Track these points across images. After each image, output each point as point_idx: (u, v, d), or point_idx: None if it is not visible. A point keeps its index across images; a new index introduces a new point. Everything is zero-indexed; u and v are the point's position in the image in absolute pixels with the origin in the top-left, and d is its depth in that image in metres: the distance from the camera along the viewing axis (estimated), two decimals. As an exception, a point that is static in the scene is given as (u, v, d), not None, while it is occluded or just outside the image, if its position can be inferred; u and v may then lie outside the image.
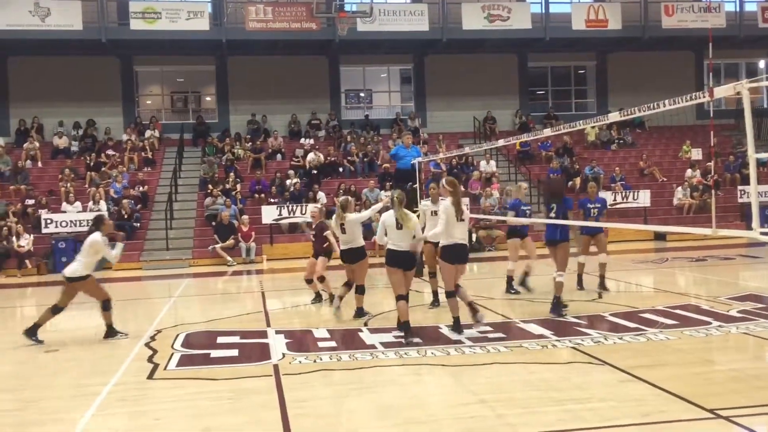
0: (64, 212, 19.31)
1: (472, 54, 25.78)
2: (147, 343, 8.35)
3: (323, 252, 10.75)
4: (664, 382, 5.94)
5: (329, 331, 8.66)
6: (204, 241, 19.36)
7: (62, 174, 21.11)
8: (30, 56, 23.86)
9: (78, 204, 19.62)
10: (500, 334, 8.11)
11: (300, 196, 20.79)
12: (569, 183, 22.20)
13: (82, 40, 22.74)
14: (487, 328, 8.44)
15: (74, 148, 23.36)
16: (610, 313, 9.13)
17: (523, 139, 11.97)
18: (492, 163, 23.34)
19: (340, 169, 22.93)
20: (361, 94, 27.79)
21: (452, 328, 8.20)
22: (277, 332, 8.65)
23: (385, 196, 18.50)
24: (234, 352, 7.79)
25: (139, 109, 25.85)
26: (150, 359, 7.51)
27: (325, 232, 10.63)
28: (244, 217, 19.36)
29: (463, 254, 8.28)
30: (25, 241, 18.07)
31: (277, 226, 19.90)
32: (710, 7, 25.41)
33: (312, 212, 11.52)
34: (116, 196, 20.23)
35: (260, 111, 25.21)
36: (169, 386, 6.51)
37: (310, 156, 22.85)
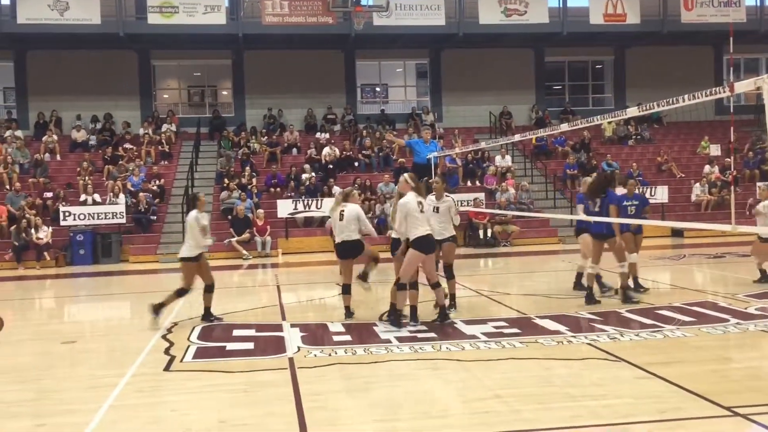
0: (83, 204, 19.48)
1: (489, 48, 25.66)
2: (164, 336, 8.40)
3: None
4: (681, 379, 5.89)
5: (344, 325, 8.67)
6: (220, 235, 19.42)
7: (80, 167, 21.29)
8: (49, 50, 24.05)
9: (96, 196, 19.80)
10: (515, 330, 8.08)
11: (315, 191, 20.83)
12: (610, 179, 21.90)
13: (100, 34, 22.88)
14: (503, 324, 8.43)
15: (92, 142, 23.54)
16: (627, 310, 9.07)
17: (540, 134, 11.87)
18: (508, 158, 23.25)
19: (356, 164, 22.94)
20: (377, 89, 27.76)
21: (390, 318, 8.33)
22: (293, 326, 8.68)
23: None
24: (250, 345, 7.83)
25: (156, 103, 25.99)
26: (167, 351, 7.56)
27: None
28: (260, 211, 19.44)
29: (431, 245, 8.31)
30: (44, 234, 18.24)
31: (293, 220, 19.97)
32: (731, 2, 25.10)
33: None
34: (134, 190, 20.37)
35: (276, 105, 25.27)
36: (185, 378, 6.55)
37: (326, 150, 22.87)
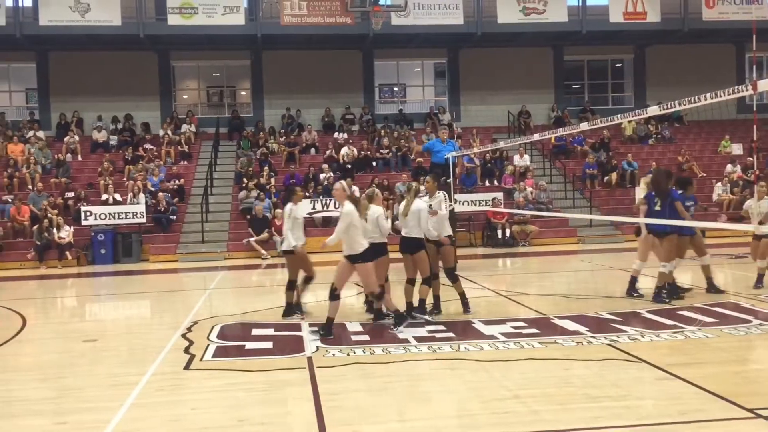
0: (104, 204, 19.68)
1: (507, 48, 25.56)
2: (183, 334, 8.46)
3: None
4: (703, 380, 5.83)
5: (362, 325, 8.68)
6: (239, 234, 19.56)
7: (101, 167, 21.50)
8: (70, 51, 24.31)
9: (117, 196, 19.99)
10: (534, 330, 8.05)
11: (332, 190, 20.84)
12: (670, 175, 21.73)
13: (121, 36, 23.09)
14: (522, 324, 8.39)
15: (113, 142, 23.76)
16: (647, 310, 8.99)
17: (559, 133, 11.81)
18: (526, 157, 23.14)
19: (374, 163, 22.96)
20: (395, 89, 27.75)
21: (321, 330, 8.00)
22: (311, 325, 8.70)
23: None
24: (269, 344, 7.86)
25: (176, 103, 26.18)
26: (186, 350, 7.61)
27: None
28: (278, 211, 19.48)
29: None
30: (66, 233, 18.44)
31: (311, 220, 20.01)
32: (753, -2, 24.81)
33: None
34: (153, 190, 20.54)
35: (294, 105, 25.36)
36: (205, 377, 6.59)
37: (344, 150, 22.91)
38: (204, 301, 11.64)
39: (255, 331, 8.60)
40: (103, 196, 20.07)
